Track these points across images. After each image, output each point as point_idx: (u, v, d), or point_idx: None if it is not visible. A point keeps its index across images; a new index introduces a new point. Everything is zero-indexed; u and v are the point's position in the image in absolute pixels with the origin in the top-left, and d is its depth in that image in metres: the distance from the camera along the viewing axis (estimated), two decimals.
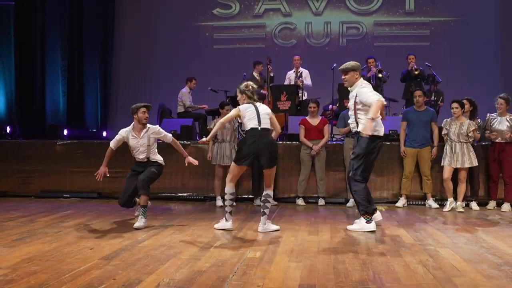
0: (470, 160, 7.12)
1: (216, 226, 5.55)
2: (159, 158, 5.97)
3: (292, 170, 7.95)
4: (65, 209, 6.94)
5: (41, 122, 11.91)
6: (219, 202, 7.51)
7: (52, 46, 12.51)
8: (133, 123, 5.94)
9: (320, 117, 7.81)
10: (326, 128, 7.74)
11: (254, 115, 5.32)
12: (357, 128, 5.46)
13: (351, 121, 5.64)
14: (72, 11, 12.67)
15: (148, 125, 5.92)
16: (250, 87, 5.49)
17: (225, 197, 5.42)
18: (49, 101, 12.40)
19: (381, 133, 5.46)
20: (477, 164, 7.20)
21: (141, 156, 5.85)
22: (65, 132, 10.82)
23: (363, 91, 5.41)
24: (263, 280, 3.51)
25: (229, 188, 5.40)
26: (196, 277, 3.59)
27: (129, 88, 12.49)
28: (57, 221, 5.97)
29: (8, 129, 11.01)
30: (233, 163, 5.44)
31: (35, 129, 11.02)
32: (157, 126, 6.12)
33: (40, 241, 4.79)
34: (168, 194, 8.05)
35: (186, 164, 5.96)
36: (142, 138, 5.84)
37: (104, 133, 12.29)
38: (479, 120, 7.48)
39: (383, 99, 5.40)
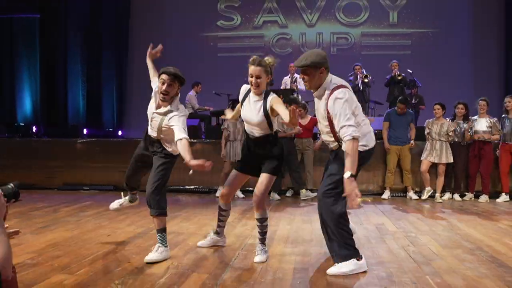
0: (447, 157, 7.19)
1: None
2: (172, 149, 3.89)
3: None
4: (85, 200, 6.94)
5: (63, 122, 11.92)
6: (239, 194, 7.47)
7: (73, 54, 12.51)
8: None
9: (309, 117, 7.75)
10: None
11: None
12: (339, 145, 3.39)
13: (325, 137, 3.54)
14: (91, 23, 12.66)
15: (175, 104, 3.77)
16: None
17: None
18: (71, 103, 12.41)
19: (372, 145, 3.52)
20: (452, 161, 7.23)
21: (153, 134, 3.86)
22: (85, 131, 10.83)
23: (337, 103, 3.24)
24: (261, 264, 3.52)
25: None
26: (201, 261, 3.59)
27: (142, 92, 12.33)
28: (77, 211, 5.98)
29: (34, 129, 11.05)
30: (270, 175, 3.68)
31: (58, 128, 11.03)
32: (182, 115, 3.73)
33: (62, 229, 4.79)
34: (176, 187, 8.03)
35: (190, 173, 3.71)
36: (155, 117, 3.78)
37: (120, 132, 12.30)
38: (471, 121, 7.43)
39: (358, 134, 3.18)
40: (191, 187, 8.10)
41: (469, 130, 7.30)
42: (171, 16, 12.83)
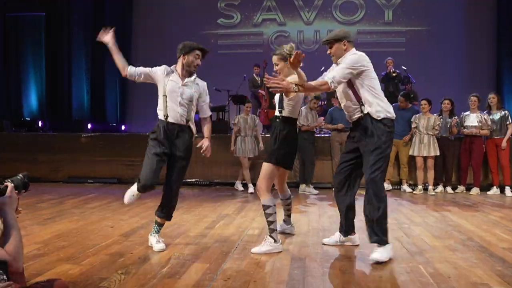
0: (435, 150, 7.27)
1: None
2: (194, 129, 3.87)
3: None
4: (89, 193, 6.94)
5: (68, 117, 11.91)
6: (239, 186, 7.50)
7: (78, 51, 12.49)
8: (175, 66, 3.86)
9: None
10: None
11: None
12: (364, 109, 3.45)
13: (348, 107, 3.57)
14: (94, 20, 12.62)
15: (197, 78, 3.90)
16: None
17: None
18: (75, 99, 12.40)
19: (392, 115, 3.48)
20: (438, 154, 7.29)
21: (178, 113, 3.68)
22: (89, 126, 10.82)
23: (345, 59, 3.49)
24: (260, 254, 3.52)
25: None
26: (202, 252, 3.60)
27: (145, 88, 12.27)
28: (82, 203, 5.98)
29: (40, 124, 11.03)
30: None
31: (63, 123, 11.01)
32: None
33: (68, 220, 4.80)
34: None
35: (198, 146, 3.86)
36: (186, 86, 3.75)
37: (123, 127, 12.29)
38: (456, 117, 7.47)
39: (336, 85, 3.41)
40: (192, 180, 8.10)
41: (455, 125, 7.34)
42: (173, 13, 12.78)
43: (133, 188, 3.82)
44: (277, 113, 3.76)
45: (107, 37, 3.84)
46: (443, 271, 3.14)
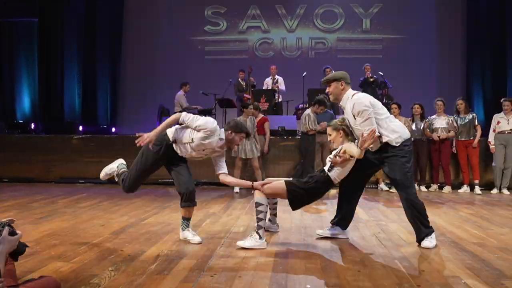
0: None
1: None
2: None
3: None
4: (81, 193, 6.85)
5: (60, 119, 11.76)
6: (236, 189, 7.20)
7: (70, 56, 12.36)
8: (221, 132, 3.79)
9: (261, 116, 7.65)
10: (266, 126, 7.63)
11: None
12: (382, 140, 3.66)
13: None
14: (86, 26, 12.50)
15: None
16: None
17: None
18: (67, 102, 12.26)
19: (406, 136, 3.72)
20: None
21: (190, 155, 3.87)
22: (80, 128, 10.69)
23: (358, 104, 3.62)
24: (245, 250, 3.51)
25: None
26: (189, 249, 3.58)
27: (134, 91, 12.34)
28: (74, 203, 5.90)
29: (33, 126, 10.87)
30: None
31: (55, 125, 10.85)
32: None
33: (59, 219, 4.73)
34: (167, 180, 7.93)
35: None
36: (213, 151, 3.86)
37: (113, 129, 12.17)
38: (427, 120, 7.59)
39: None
40: None
41: (427, 128, 7.46)
42: (162, 21, 12.71)
43: (113, 168, 4.13)
44: (325, 168, 3.75)
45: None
46: (417, 265, 3.17)
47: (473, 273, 2.99)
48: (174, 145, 3.78)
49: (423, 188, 7.57)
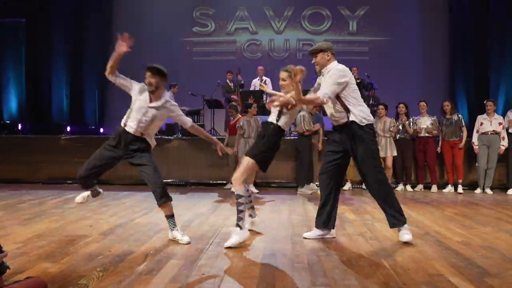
0: (391, 150, 7.44)
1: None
2: (152, 142, 4.00)
3: None
4: (69, 193, 6.78)
5: (48, 120, 11.63)
6: (253, 189, 7.07)
7: (57, 56, 12.22)
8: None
9: (239, 116, 7.60)
10: None
11: None
12: (350, 116, 3.72)
13: (333, 114, 3.80)
14: (74, 27, 12.38)
15: (167, 97, 3.95)
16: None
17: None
18: (55, 102, 12.12)
19: (372, 120, 3.83)
20: (395, 154, 7.46)
21: (139, 129, 3.83)
22: (68, 128, 10.56)
23: (330, 72, 3.75)
24: (233, 251, 3.51)
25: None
26: (178, 249, 3.57)
27: (122, 91, 12.21)
28: (61, 203, 5.84)
29: (20, 126, 10.71)
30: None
31: (42, 126, 10.72)
32: (175, 105, 3.99)
33: (47, 220, 4.68)
34: None
35: (220, 154, 4.07)
36: (151, 108, 3.84)
37: (101, 130, 12.06)
38: (411, 119, 7.70)
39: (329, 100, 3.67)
40: (169, 180, 8.01)
41: (409, 125, 7.55)
42: (150, 22, 12.63)
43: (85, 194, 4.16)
44: (272, 120, 3.80)
45: (125, 47, 4.01)
46: (403, 263, 3.20)
47: (457, 271, 3.03)
48: (126, 128, 3.87)
49: (408, 188, 7.66)
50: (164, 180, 3.92)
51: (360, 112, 3.73)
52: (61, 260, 3.19)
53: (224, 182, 7.85)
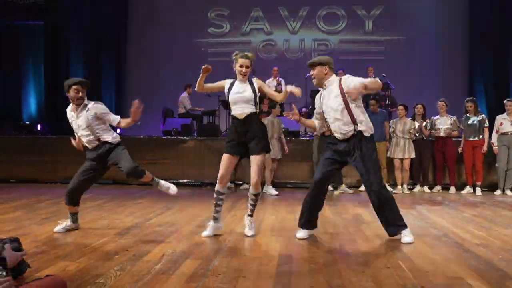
0: (409, 152, 7.35)
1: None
2: (111, 136, 4.30)
3: None
4: (86, 193, 6.82)
5: (66, 120, 11.76)
6: (272, 191, 7.12)
7: (75, 58, 12.38)
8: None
9: None
10: None
11: None
12: (357, 128, 3.79)
13: (340, 127, 3.82)
14: (91, 28, 12.53)
15: (88, 103, 4.36)
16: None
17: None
18: None
19: (373, 131, 3.95)
20: (414, 156, 7.38)
21: (90, 137, 4.25)
22: None
23: (351, 78, 3.82)
24: (249, 251, 3.51)
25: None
26: (194, 249, 3.57)
27: (140, 93, 12.22)
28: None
29: (39, 127, 10.89)
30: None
31: (60, 126, 10.87)
32: (101, 104, 4.38)
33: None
34: (171, 181, 7.95)
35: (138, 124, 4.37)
36: (79, 118, 4.29)
37: (118, 130, 12.17)
38: (428, 120, 7.60)
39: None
40: (184, 181, 8.06)
41: (425, 126, 7.46)
42: (166, 24, 12.70)
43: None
44: (251, 110, 4.02)
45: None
46: (420, 266, 3.15)
47: (477, 274, 2.97)
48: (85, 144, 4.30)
49: (426, 189, 7.55)
50: (180, 181, 4.14)
51: (367, 123, 3.83)
52: (78, 259, 3.22)
53: (240, 182, 7.85)
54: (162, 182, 4.24)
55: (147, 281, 2.76)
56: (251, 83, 4.12)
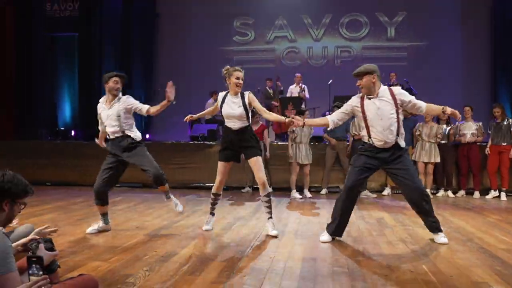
0: (435, 157, 7.20)
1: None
2: (134, 133, 4.52)
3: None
4: (117, 196, 6.98)
5: (97, 127, 12.01)
6: (296, 195, 7.05)
7: (107, 66, 12.64)
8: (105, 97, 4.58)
9: (260, 123, 7.48)
10: (265, 133, 7.52)
11: None
12: (398, 139, 3.84)
13: (385, 136, 3.77)
14: (122, 40, 12.80)
15: (121, 96, 4.54)
16: None
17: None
18: None
19: None
20: (439, 161, 7.22)
21: (111, 129, 4.48)
22: None
23: (404, 92, 3.87)
24: (274, 254, 3.50)
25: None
26: (220, 250, 3.59)
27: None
28: (110, 205, 5.88)
29: (73, 133, 11.16)
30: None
31: (93, 132, 11.11)
32: (132, 98, 4.58)
33: (97, 221, 4.81)
34: (197, 184, 8.04)
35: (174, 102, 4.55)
36: (111, 108, 4.47)
37: (147, 136, 12.37)
38: (453, 125, 7.46)
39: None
40: (210, 184, 8.05)
41: (454, 134, 7.35)
42: (193, 32, 12.85)
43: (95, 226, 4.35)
44: (243, 124, 4.19)
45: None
46: (445, 270, 3.07)
47: (503, 279, 2.88)
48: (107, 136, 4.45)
49: (450, 194, 7.38)
50: (206, 184, 4.26)
51: (403, 137, 3.88)
52: (109, 259, 3.27)
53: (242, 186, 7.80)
54: (174, 198, 4.40)
55: (175, 282, 2.79)
56: (242, 97, 4.24)
